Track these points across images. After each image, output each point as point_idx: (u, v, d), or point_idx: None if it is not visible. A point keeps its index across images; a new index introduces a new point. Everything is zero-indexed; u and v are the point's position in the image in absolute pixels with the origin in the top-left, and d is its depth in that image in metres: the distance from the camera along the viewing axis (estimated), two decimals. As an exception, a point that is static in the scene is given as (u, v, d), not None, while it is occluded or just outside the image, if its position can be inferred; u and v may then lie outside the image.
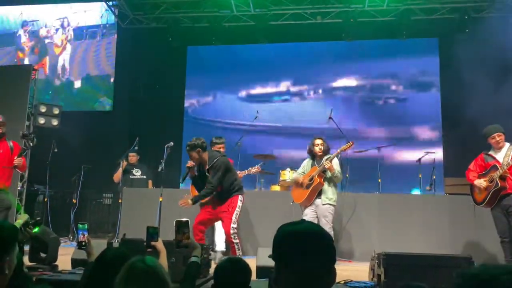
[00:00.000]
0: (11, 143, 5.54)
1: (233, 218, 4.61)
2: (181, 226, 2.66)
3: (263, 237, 5.87)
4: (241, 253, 4.60)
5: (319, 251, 1.24)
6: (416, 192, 7.06)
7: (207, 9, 9.30)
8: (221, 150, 5.40)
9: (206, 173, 4.70)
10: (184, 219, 2.72)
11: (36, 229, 3.57)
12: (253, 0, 8.84)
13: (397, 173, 8.23)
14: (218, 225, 5.28)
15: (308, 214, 5.20)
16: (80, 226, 2.89)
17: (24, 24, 10.46)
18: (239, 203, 4.70)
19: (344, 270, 4.88)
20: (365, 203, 6.19)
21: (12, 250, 1.53)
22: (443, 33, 8.88)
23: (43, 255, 4.17)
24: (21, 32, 10.48)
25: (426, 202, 6.16)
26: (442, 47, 8.96)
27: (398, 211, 6.08)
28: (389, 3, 8.62)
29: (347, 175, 7.04)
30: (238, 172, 5.35)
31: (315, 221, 5.17)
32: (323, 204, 5.18)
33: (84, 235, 2.83)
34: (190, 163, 4.84)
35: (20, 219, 3.03)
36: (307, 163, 5.48)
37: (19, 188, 6.67)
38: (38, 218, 3.47)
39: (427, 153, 7.04)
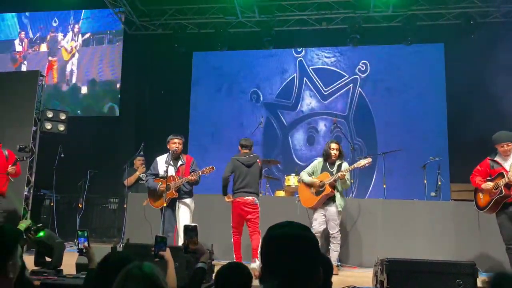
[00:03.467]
0: (6, 152, 5.88)
1: None
2: (189, 231, 2.65)
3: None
4: None
5: (303, 254, 1.26)
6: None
7: (213, 15, 9.37)
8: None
9: None
10: (192, 224, 2.72)
11: (41, 234, 3.61)
12: (259, 6, 8.89)
13: (402, 179, 8.19)
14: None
15: (318, 218, 5.29)
16: (79, 233, 2.89)
17: (20, 31, 10.56)
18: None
19: (349, 276, 4.87)
20: (370, 209, 6.16)
21: (15, 252, 1.55)
22: (448, 39, 8.86)
23: (48, 259, 4.19)
24: (16, 41, 10.59)
25: (431, 208, 6.12)
26: (447, 53, 8.93)
27: (403, 217, 6.04)
28: (395, 8, 8.63)
29: (352, 180, 7.04)
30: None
31: (324, 224, 5.21)
32: (331, 208, 5.24)
33: (83, 243, 2.84)
34: None
35: (23, 223, 3.05)
36: (318, 164, 5.49)
37: (25, 193, 6.74)
38: (39, 225, 3.48)
39: (433, 158, 7.00)
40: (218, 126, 9.56)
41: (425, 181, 6.76)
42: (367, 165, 5.30)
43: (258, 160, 5.49)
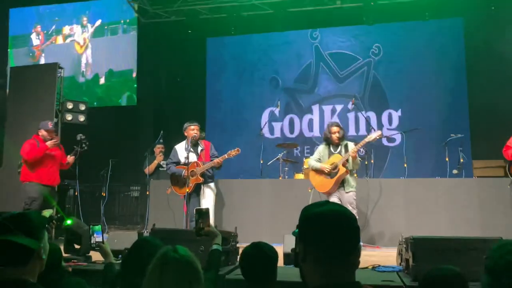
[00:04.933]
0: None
1: None
2: (201, 215, 2.69)
3: (288, 224, 5.89)
4: None
5: (345, 230, 1.26)
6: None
7: (226, -1, 9.29)
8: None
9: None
10: (204, 208, 2.76)
11: (69, 222, 3.70)
12: (272, -13, 8.77)
13: (423, 157, 8.10)
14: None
15: (334, 201, 5.22)
16: (92, 227, 2.79)
17: (36, 25, 10.67)
18: None
19: (372, 255, 4.87)
20: (391, 188, 6.13)
21: (43, 236, 1.63)
22: (467, 12, 8.61)
23: (77, 246, 4.32)
24: (33, 35, 10.71)
25: (454, 186, 6.05)
26: (467, 27, 8.69)
27: (425, 195, 5.99)
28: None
29: (372, 161, 7.00)
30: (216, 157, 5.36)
31: None
32: (347, 192, 5.22)
33: (97, 237, 2.75)
34: None
35: (46, 212, 3.09)
36: (323, 150, 5.44)
37: (51, 183, 6.90)
38: (58, 215, 3.53)
39: (454, 135, 6.90)
40: (235, 110, 9.57)
41: (447, 159, 6.68)
42: (378, 138, 5.25)
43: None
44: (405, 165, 6.61)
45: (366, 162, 6.93)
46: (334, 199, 5.23)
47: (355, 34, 9.34)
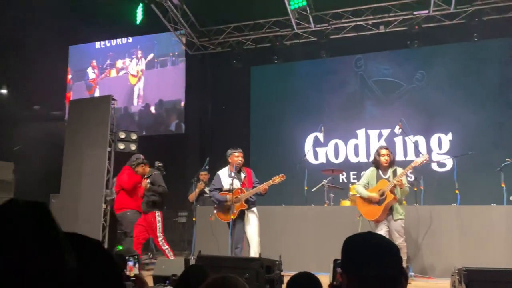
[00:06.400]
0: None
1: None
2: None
3: (335, 253, 5.77)
4: (172, 254, 5.91)
5: (387, 260, 1.26)
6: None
7: (269, 29, 9.56)
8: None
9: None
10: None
11: (119, 247, 3.86)
12: (313, 16, 8.92)
13: (476, 183, 7.73)
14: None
15: (383, 230, 5.09)
16: (129, 258, 2.72)
17: (92, 61, 11.41)
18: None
19: (424, 287, 4.68)
20: (443, 216, 5.88)
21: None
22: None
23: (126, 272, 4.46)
24: (89, 70, 11.44)
25: (510, 213, 5.71)
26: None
27: (480, 224, 5.70)
28: (456, 5, 8.26)
29: (422, 187, 6.77)
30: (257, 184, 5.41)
31: (387, 235, 5.04)
32: (395, 220, 5.08)
33: (132, 267, 2.68)
34: None
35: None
36: (371, 174, 5.34)
37: (103, 209, 7.22)
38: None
39: (510, 160, 6.54)
40: (279, 137, 9.63)
41: (503, 185, 6.33)
42: (425, 162, 5.08)
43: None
44: (457, 192, 6.32)
45: (416, 189, 6.70)
46: (382, 227, 5.10)
47: (399, 60, 9.21)
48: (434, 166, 8.42)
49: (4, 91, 10.85)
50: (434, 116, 8.77)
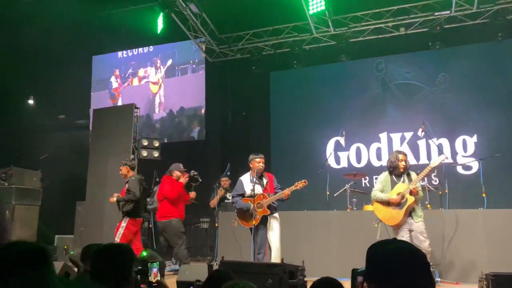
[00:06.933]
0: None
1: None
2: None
3: (358, 258, 5.71)
4: None
5: (417, 268, 1.25)
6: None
7: (287, 34, 9.58)
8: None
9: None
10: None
11: (144, 253, 3.92)
12: (332, 20, 8.90)
13: (503, 186, 7.53)
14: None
15: (405, 235, 4.98)
16: (150, 265, 2.74)
17: (114, 70, 11.64)
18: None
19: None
20: (469, 220, 5.75)
21: (132, 267, 1.78)
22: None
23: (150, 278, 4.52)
24: (112, 79, 11.68)
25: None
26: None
27: (508, 228, 5.54)
28: (479, 5, 8.11)
29: (446, 191, 6.63)
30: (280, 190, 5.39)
31: (409, 240, 4.94)
32: (417, 222, 4.98)
33: (155, 273, 2.70)
34: None
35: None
36: (385, 178, 5.23)
37: (128, 216, 7.33)
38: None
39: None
40: (300, 142, 9.60)
41: (531, 188, 6.16)
42: (443, 161, 4.97)
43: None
44: (484, 195, 6.18)
45: (440, 192, 6.58)
46: (404, 232, 4.97)
47: (420, 62, 9.08)
48: (459, 169, 8.25)
49: (31, 101, 11.17)
50: (458, 118, 8.59)
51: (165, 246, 6.86)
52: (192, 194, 6.77)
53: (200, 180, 6.85)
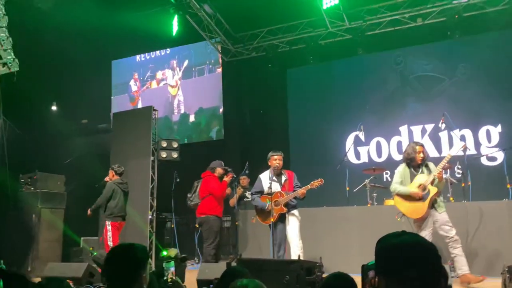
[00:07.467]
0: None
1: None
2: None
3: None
4: None
5: (429, 261, 1.23)
6: None
7: (302, 30, 9.52)
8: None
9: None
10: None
11: (164, 253, 3.99)
12: (347, 14, 8.79)
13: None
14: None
15: (427, 228, 4.90)
16: (166, 265, 2.78)
17: (134, 73, 11.82)
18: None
19: (477, 286, 4.49)
20: (493, 212, 5.61)
21: (146, 267, 1.78)
22: None
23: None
24: (131, 82, 11.85)
25: None
26: None
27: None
28: (499, -9, 7.88)
29: (469, 183, 6.48)
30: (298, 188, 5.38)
31: (432, 236, 4.85)
32: (440, 213, 4.89)
33: (172, 272, 2.74)
34: None
35: (171, 253, 3.28)
36: (403, 170, 5.14)
37: (149, 217, 7.46)
38: (184, 255, 3.75)
39: None
40: (318, 138, 9.53)
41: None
42: (462, 149, 4.85)
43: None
44: (508, 186, 6.02)
45: (463, 184, 6.43)
46: (429, 224, 4.89)
47: (439, 53, 8.86)
48: (484, 161, 8.04)
49: (54, 107, 11.46)
50: (481, 108, 8.37)
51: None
52: (228, 190, 7.00)
53: (235, 176, 7.05)
